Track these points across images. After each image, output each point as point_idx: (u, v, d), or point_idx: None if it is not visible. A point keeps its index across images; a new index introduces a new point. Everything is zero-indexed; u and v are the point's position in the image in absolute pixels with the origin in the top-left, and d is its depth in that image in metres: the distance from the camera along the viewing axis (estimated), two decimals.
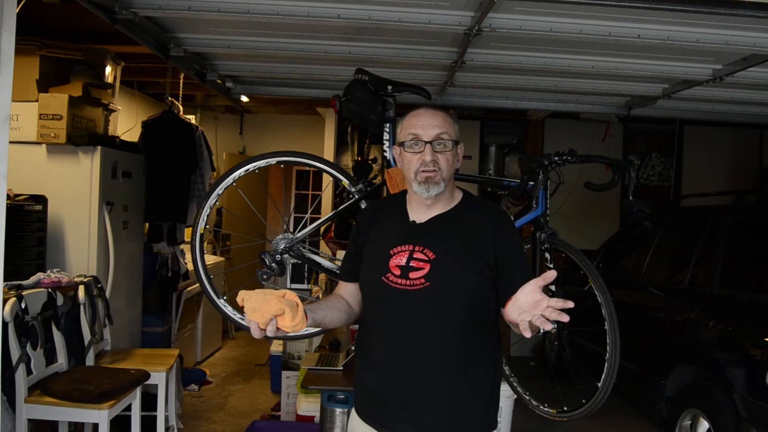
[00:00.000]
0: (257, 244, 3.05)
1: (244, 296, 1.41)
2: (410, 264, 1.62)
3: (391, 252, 1.66)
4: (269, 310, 1.38)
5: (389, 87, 2.34)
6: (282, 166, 2.40)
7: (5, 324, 2.70)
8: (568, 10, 2.52)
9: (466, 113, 6.31)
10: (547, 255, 2.34)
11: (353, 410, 1.77)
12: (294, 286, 8.60)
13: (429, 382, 1.59)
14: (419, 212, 1.71)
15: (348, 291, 1.79)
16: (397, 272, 1.63)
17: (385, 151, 2.39)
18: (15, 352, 2.77)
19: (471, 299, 1.61)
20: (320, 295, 4.95)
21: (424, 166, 1.64)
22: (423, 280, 1.60)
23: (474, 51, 3.12)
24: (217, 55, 3.66)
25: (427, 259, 1.62)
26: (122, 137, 4.42)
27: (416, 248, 1.64)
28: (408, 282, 1.61)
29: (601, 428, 4.28)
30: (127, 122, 5.10)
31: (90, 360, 3.36)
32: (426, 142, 1.64)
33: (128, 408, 3.10)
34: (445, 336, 1.59)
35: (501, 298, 1.61)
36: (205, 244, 2.51)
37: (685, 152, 6.80)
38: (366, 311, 1.75)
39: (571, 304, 1.30)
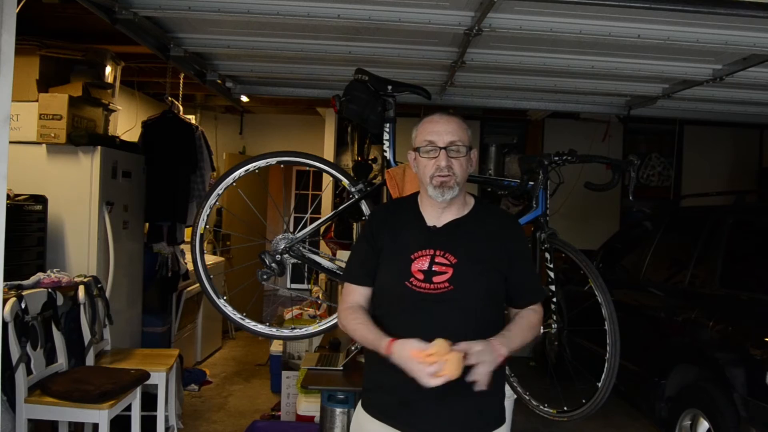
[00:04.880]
0: (257, 244, 3.05)
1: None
2: (433, 268, 1.68)
3: (412, 257, 1.70)
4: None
5: (389, 87, 2.34)
6: (282, 166, 2.40)
7: (5, 324, 2.70)
8: (568, 10, 2.52)
9: (466, 113, 6.30)
10: (547, 255, 2.34)
11: (360, 409, 1.79)
12: (294, 286, 8.61)
13: (451, 380, 1.58)
14: (434, 216, 1.76)
15: (364, 296, 1.79)
16: (420, 276, 1.68)
17: (385, 151, 2.39)
18: (15, 352, 2.77)
19: (490, 301, 1.72)
20: (320, 295, 4.95)
21: (439, 171, 1.70)
22: (447, 284, 1.67)
23: (474, 51, 3.12)
24: (217, 55, 3.66)
25: (449, 263, 1.68)
26: (122, 137, 4.42)
27: (437, 252, 1.69)
28: (432, 286, 1.67)
29: (601, 428, 4.28)
30: (127, 122, 5.10)
31: (90, 360, 3.36)
32: (441, 148, 1.71)
33: (128, 408, 3.10)
34: (465, 336, 1.60)
35: (507, 295, 1.77)
36: (205, 244, 2.51)
37: (685, 152, 6.80)
38: (384, 314, 1.75)
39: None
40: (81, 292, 3.35)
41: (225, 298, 2.39)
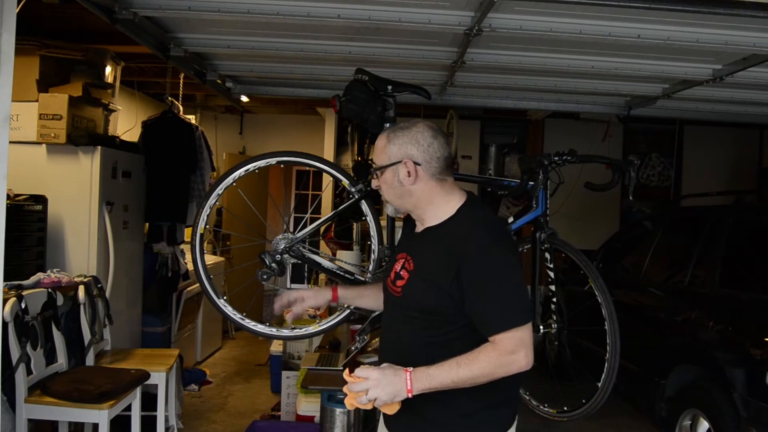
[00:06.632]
0: (257, 244, 3.05)
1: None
2: (400, 272, 1.72)
3: (397, 257, 1.77)
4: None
5: (389, 87, 2.33)
6: (282, 166, 2.40)
7: (5, 324, 2.70)
8: (568, 10, 2.52)
9: (466, 113, 6.31)
10: (547, 255, 2.34)
11: None
12: (294, 286, 8.61)
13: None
14: (419, 224, 1.78)
15: None
16: (392, 277, 1.75)
17: None
18: (15, 352, 2.77)
19: (431, 318, 1.63)
20: None
21: None
22: (400, 290, 1.70)
23: (474, 51, 3.12)
24: (217, 55, 3.67)
25: (408, 269, 1.70)
26: (122, 137, 4.42)
27: (408, 257, 1.72)
28: (395, 288, 1.72)
29: (601, 428, 4.28)
30: (127, 122, 5.10)
31: (90, 360, 3.36)
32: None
33: (128, 408, 3.10)
34: (410, 343, 1.67)
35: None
36: (205, 244, 2.50)
37: (685, 152, 6.81)
38: None
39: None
40: (81, 292, 3.35)
41: (225, 298, 2.38)
